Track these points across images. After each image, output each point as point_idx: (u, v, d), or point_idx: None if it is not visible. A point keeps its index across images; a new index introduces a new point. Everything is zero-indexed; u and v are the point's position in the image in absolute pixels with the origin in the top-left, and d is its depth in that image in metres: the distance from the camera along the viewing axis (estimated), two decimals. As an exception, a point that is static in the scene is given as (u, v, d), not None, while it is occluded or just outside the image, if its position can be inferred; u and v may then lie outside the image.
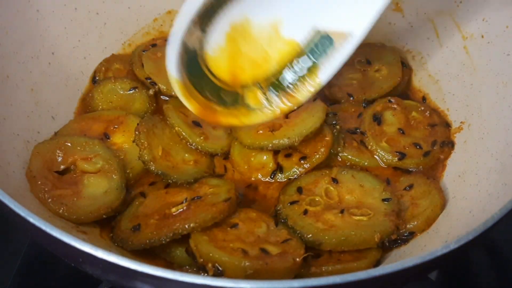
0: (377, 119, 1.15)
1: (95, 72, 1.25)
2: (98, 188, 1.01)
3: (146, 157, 1.04)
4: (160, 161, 1.06)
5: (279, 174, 1.08)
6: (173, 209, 0.97)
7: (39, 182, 0.99)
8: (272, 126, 1.09)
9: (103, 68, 1.25)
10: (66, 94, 1.19)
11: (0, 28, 1.08)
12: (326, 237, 0.95)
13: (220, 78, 1.05)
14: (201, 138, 1.11)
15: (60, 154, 1.04)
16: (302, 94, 1.03)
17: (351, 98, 1.21)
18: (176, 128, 1.11)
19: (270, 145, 1.06)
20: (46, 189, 0.98)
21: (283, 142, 1.06)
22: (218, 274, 0.88)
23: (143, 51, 1.25)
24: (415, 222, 1.01)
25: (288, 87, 1.04)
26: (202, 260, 0.90)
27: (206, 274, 0.89)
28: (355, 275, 0.74)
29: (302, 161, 1.07)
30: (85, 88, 1.23)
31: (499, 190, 0.95)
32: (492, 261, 1.19)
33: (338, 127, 1.11)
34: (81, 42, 1.25)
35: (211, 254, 0.89)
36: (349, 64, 1.22)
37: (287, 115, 1.10)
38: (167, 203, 1.00)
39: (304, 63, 1.02)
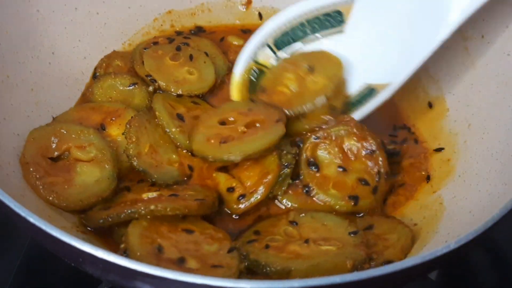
0: (314, 165, 1.06)
1: (95, 68, 1.25)
2: (90, 176, 1.01)
3: (131, 151, 1.04)
4: (144, 157, 1.05)
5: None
6: (144, 195, 0.98)
7: (31, 169, 0.99)
8: (225, 138, 1.05)
9: (104, 64, 1.25)
10: (66, 94, 1.19)
11: (0, 28, 1.08)
12: (296, 264, 0.89)
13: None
14: (178, 129, 1.09)
15: (54, 141, 1.04)
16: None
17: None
18: (157, 113, 1.10)
19: (211, 156, 1.03)
20: (38, 176, 0.99)
21: (223, 157, 1.02)
22: (123, 255, 0.87)
23: (144, 49, 1.25)
24: (391, 250, 0.95)
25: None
26: (123, 238, 0.90)
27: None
28: (355, 275, 0.74)
29: (240, 199, 1.02)
30: (86, 85, 1.23)
31: (499, 190, 0.95)
32: (492, 261, 1.19)
33: (287, 170, 1.03)
34: (81, 42, 1.25)
35: (128, 235, 0.90)
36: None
37: (246, 128, 1.08)
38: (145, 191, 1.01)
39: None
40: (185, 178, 1.07)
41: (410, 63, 1.12)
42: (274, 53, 1.24)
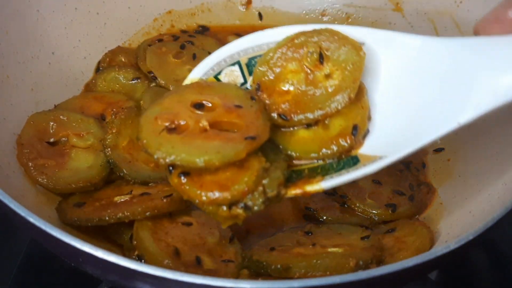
0: None
1: (99, 62, 1.26)
2: (83, 162, 1.02)
3: (107, 142, 1.04)
4: (119, 151, 1.04)
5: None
6: (116, 198, 0.97)
7: (25, 150, 1.01)
8: (175, 127, 0.84)
9: (108, 59, 1.26)
10: (66, 94, 1.19)
11: (0, 28, 1.08)
12: (295, 261, 0.88)
13: None
14: None
15: (53, 126, 1.06)
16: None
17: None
18: (141, 102, 1.10)
19: (140, 141, 0.82)
20: (31, 157, 1.00)
21: (147, 149, 0.81)
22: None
23: (149, 45, 1.26)
24: (403, 253, 0.93)
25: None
26: (135, 243, 0.90)
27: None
28: (355, 275, 0.74)
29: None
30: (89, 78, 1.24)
31: (499, 190, 0.95)
32: (492, 261, 1.19)
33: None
34: (81, 42, 1.25)
35: (143, 241, 0.89)
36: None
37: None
38: (119, 192, 1.00)
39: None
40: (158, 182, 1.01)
41: (416, 139, 0.83)
42: (244, 78, 0.93)
